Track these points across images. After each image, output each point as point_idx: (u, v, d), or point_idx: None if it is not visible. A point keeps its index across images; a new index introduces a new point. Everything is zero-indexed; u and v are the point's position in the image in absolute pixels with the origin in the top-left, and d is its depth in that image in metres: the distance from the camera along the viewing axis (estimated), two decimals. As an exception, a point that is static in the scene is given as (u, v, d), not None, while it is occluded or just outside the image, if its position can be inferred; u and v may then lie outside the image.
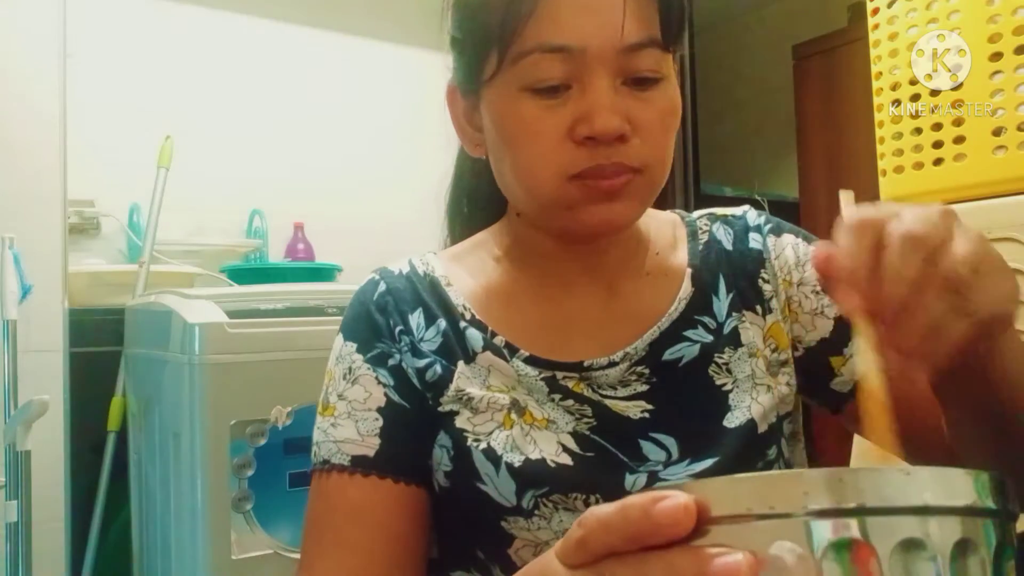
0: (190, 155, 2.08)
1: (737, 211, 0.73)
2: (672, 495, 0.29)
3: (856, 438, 1.15)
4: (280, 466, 1.39)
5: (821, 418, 0.91)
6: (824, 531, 0.28)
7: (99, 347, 1.75)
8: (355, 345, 0.65)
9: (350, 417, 0.62)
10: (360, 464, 0.61)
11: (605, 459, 0.61)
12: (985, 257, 0.40)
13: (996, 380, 0.48)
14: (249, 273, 2.06)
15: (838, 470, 0.29)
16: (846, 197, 0.46)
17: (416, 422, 0.62)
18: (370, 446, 0.61)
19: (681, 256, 0.69)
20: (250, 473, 1.36)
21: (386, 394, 0.63)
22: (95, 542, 1.70)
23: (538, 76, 0.57)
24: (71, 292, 1.72)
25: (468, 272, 0.69)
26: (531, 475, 0.59)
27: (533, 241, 0.67)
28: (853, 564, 0.27)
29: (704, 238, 0.71)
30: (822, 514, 0.28)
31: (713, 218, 0.73)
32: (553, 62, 0.56)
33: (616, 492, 0.59)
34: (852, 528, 0.28)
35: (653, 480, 0.61)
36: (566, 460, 0.60)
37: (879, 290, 0.39)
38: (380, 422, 0.62)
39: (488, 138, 0.63)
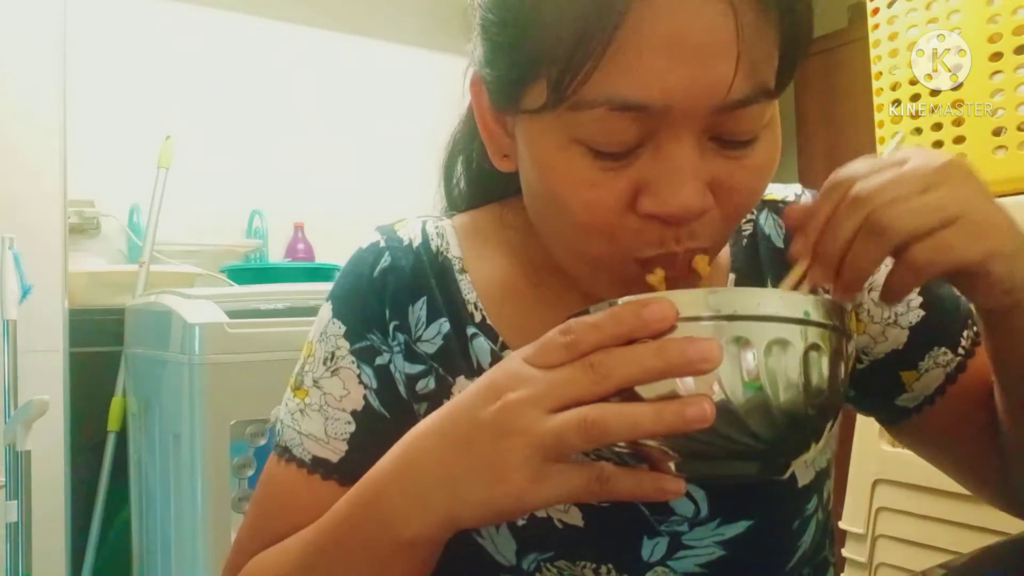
0: (190, 155, 2.08)
1: (788, 194, 0.62)
2: (653, 298, 0.38)
3: (856, 441, 1.15)
4: (280, 466, 1.39)
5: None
6: (716, 331, 0.37)
7: (99, 347, 1.75)
8: (344, 328, 0.57)
9: (320, 411, 0.56)
10: (320, 466, 0.55)
11: (622, 513, 0.53)
12: (966, 206, 0.41)
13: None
14: (249, 273, 2.06)
15: (713, 288, 0.39)
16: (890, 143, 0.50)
17: (392, 434, 0.50)
18: (335, 450, 0.55)
19: (724, 257, 0.59)
20: (250, 473, 1.36)
21: (365, 397, 0.56)
22: (95, 542, 1.70)
23: (601, 137, 0.42)
24: (71, 292, 1.71)
25: (487, 254, 0.59)
26: (535, 536, 0.52)
27: None
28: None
29: (748, 231, 0.60)
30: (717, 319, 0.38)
31: (759, 205, 0.61)
32: (624, 121, 0.41)
33: (630, 563, 0.53)
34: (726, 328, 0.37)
35: (676, 547, 0.53)
36: (576, 519, 0.53)
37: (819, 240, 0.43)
38: (352, 427, 0.55)
39: (523, 166, 0.50)
